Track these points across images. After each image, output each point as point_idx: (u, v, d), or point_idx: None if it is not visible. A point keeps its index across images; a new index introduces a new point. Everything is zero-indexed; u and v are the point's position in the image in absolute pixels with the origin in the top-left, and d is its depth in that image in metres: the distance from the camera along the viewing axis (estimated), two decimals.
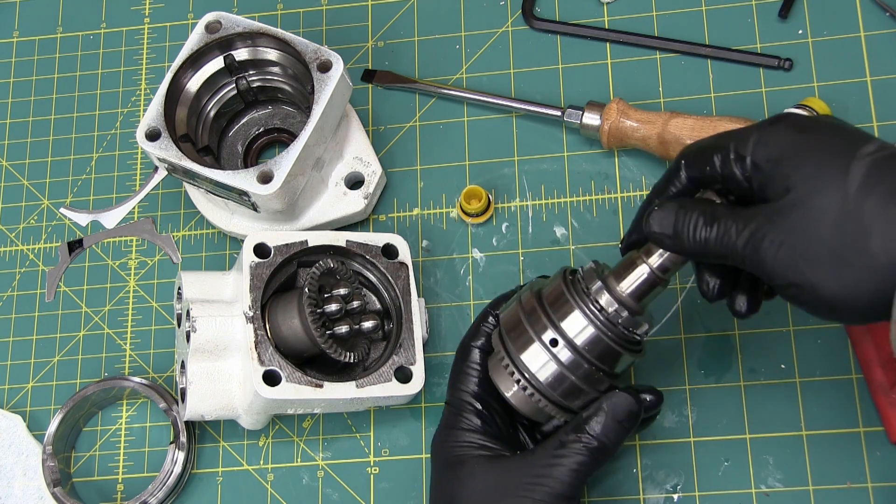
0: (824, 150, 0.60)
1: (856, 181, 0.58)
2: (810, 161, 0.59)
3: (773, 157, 0.61)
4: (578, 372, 0.69)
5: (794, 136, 0.61)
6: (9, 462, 0.88)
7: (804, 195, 0.59)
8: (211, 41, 0.87)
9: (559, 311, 0.69)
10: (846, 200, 0.57)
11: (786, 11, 0.92)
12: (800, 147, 0.60)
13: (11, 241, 0.97)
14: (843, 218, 0.57)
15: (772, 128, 0.62)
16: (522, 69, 0.95)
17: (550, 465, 0.67)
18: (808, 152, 0.60)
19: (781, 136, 0.62)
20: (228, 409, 0.81)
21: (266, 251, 0.82)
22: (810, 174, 0.59)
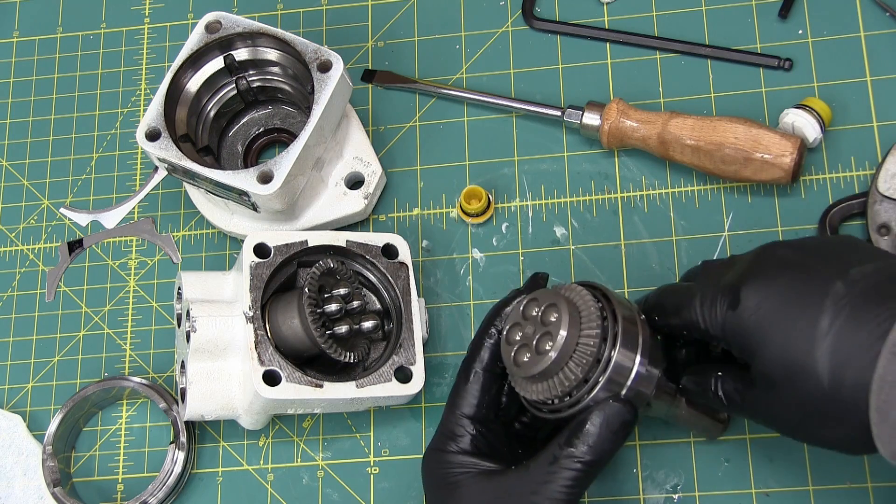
0: (786, 337, 0.61)
1: (825, 373, 0.60)
2: (775, 351, 0.62)
3: (740, 337, 0.64)
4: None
5: (757, 318, 0.63)
6: (9, 462, 0.88)
7: (778, 382, 0.62)
8: (211, 41, 0.87)
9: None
10: (820, 389, 0.60)
11: (786, 11, 0.92)
12: (763, 334, 0.63)
13: (11, 241, 0.97)
14: (821, 401, 0.61)
15: (735, 314, 0.64)
16: (522, 69, 0.95)
17: (546, 481, 0.66)
18: (770, 343, 0.62)
19: (746, 319, 0.64)
20: (228, 409, 0.81)
21: (266, 251, 0.82)
22: (778, 362, 0.62)
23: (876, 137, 0.87)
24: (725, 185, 0.88)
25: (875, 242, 0.82)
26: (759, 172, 0.83)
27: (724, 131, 0.83)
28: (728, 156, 0.83)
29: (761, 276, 0.64)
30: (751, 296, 0.63)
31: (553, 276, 0.88)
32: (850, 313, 0.59)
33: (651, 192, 0.89)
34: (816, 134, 0.85)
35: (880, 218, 0.82)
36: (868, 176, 0.86)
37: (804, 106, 0.86)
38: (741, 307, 0.63)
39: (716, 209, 0.88)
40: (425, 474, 0.73)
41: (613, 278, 0.87)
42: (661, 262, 0.87)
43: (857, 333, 0.59)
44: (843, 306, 0.60)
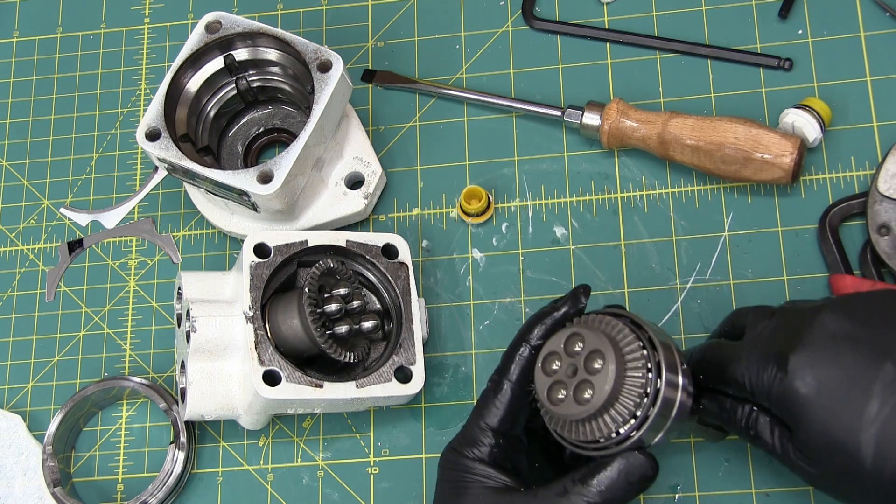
0: (833, 416, 0.63)
1: (868, 457, 0.61)
2: (819, 427, 0.63)
3: (786, 404, 0.65)
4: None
5: (806, 391, 0.63)
6: (9, 462, 0.88)
7: (820, 454, 0.64)
8: (211, 41, 0.87)
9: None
10: (862, 470, 0.62)
11: (786, 11, 0.92)
12: (810, 407, 0.63)
13: (11, 241, 0.97)
14: (861, 479, 0.62)
15: (783, 382, 0.64)
16: (522, 69, 0.95)
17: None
18: (816, 418, 0.63)
19: (793, 390, 0.64)
20: (228, 409, 0.81)
21: (266, 251, 0.82)
22: (822, 438, 0.63)
23: (876, 137, 0.87)
24: (725, 185, 0.88)
25: (875, 242, 0.82)
26: (759, 172, 0.83)
27: (724, 131, 0.83)
28: (728, 156, 0.83)
29: (811, 348, 0.64)
30: (800, 368, 0.64)
31: (553, 276, 0.88)
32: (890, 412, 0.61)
33: (651, 192, 0.89)
34: (816, 134, 0.85)
35: (880, 218, 0.82)
36: (868, 176, 0.86)
37: (804, 106, 0.86)
38: (789, 377, 0.64)
39: (716, 209, 0.88)
40: (440, 470, 0.73)
41: (613, 278, 0.87)
42: (661, 262, 0.87)
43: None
44: (891, 393, 0.61)
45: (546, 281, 0.88)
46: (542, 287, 0.88)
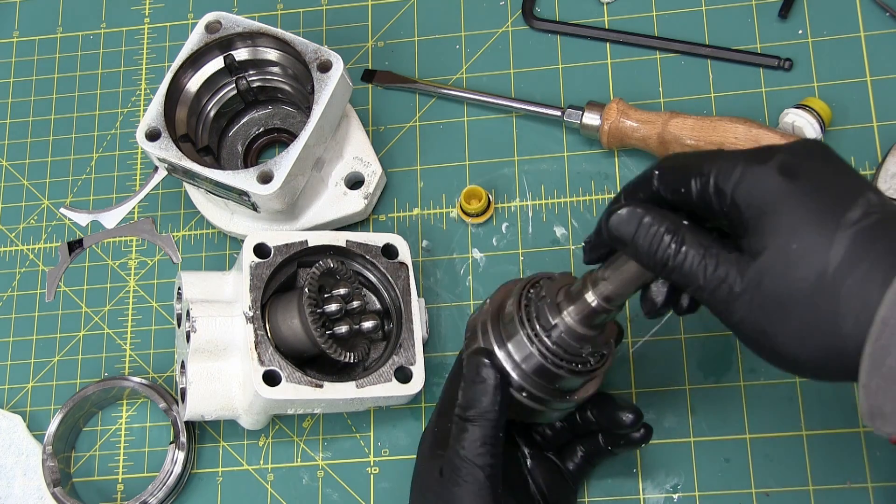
0: (809, 212, 0.56)
1: (837, 257, 0.54)
2: (792, 226, 0.56)
3: (755, 204, 0.57)
4: (524, 392, 0.69)
5: (779, 186, 0.57)
6: (9, 462, 0.88)
7: (782, 263, 0.56)
8: (211, 41, 0.87)
9: (508, 330, 0.69)
10: (824, 277, 0.55)
11: (786, 11, 0.92)
12: (783, 202, 0.57)
13: (11, 241, 0.97)
14: (819, 294, 0.55)
15: (759, 168, 0.58)
16: (522, 69, 0.95)
17: (451, 444, 0.68)
18: (791, 213, 0.56)
19: (767, 182, 0.57)
20: (228, 409, 0.81)
21: (266, 251, 0.82)
22: (790, 241, 0.56)
23: (876, 137, 0.87)
24: None
25: None
26: None
27: (724, 131, 0.83)
28: None
29: (793, 150, 0.59)
30: (781, 160, 0.58)
31: None
32: (882, 217, 0.55)
33: None
34: (816, 134, 0.85)
35: None
36: (868, 176, 0.86)
37: (804, 106, 0.86)
38: (768, 166, 0.57)
39: None
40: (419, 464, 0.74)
41: None
42: None
43: (879, 242, 0.54)
44: (875, 210, 0.55)
45: None
46: None
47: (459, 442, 0.68)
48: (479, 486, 0.67)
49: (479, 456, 0.67)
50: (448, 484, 0.68)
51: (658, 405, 0.83)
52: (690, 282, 0.60)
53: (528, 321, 0.68)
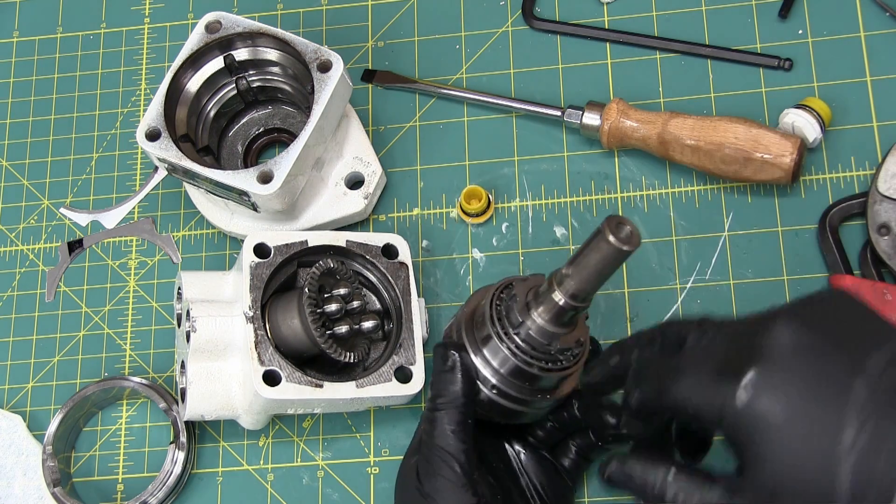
0: (799, 437, 0.54)
1: (845, 493, 0.52)
2: (787, 460, 0.54)
3: (740, 439, 0.56)
4: (506, 394, 0.70)
5: (760, 415, 0.54)
6: (9, 462, 0.88)
7: (785, 493, 0.54)
8: (211, 41, 0.87)
9: (482, 333, 0.69)
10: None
11: (786, 11, 0.92)
12: (768, 432, 0.54)
13: (11, 241, 0.97)
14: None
15: (732, 395, 0.55)
16: (522, 69, 0.95)
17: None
18: (782, 450, 0.54)
19: (748, 414, 0.55)
20: (228, 409, 0.81)
21: (266, 251, 0.82)
22: (790, 473, 0.54)
23: (876, 137, 0.87)
24: (725, 185, 0.88)
25: (875, 242, 0.82)
26: (759, 172, 0.83)
27: (724, 131, 0.83)
28: (728, 156, 0.83)
29: (771, 364, 0.55)
30: (761, 387, 0.55)
31: None
32: (875, 427, 0.53)
33: (651, 192, 0.89)
34: (816, 134, 0.85)
35: (880, 218, 0.82)
36: (868, 176, 0.86)
37: (804, 106, 0.86)
38: (749, 399, 0.55)
39: (716, 209, 0.88)
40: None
41: (613, 278, 0.86)
42: (661, 262, 0.87)
43: (882, 450, 0.52)
44: (867, 417, 0.53)
45: None
46: None
47: (430, 433, 0.68)
48: (453, 474, 0.67)
49: (450, 444, 0.67)
50: (424, 477, 0.68)
51: None
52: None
53: (499, 321, 0.69)
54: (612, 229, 0.61)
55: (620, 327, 0.86)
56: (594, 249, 0.63)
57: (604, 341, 0.85)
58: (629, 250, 0.61)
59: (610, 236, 0.61)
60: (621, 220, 0.62)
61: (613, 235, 0.61)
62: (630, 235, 0.61)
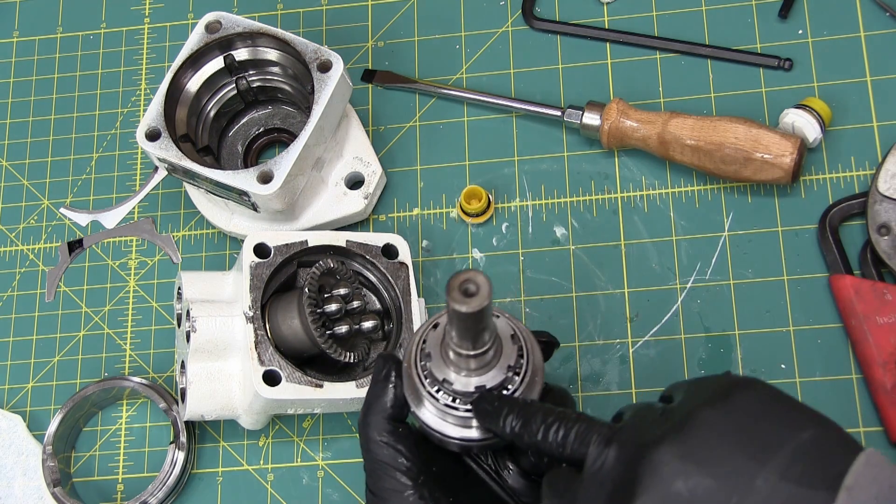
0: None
1: None
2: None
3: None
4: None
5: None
6: (9, 462, 0.88)
7: None
8: (211, 41, 0.87)
9: (418, 393, 0.66)
10: None
11: (786, 11, 0.92)
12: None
13: (11, 241, 0.97)
14: None
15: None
16: (522, 69, 0.95)
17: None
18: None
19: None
20: (228, 409, 0.81)
21: (266, 251, 0.82)
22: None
23: (876, 137, 0.87)
24: (725, 185, 0.88)
25: (875, 242, 0.82)
26: (759, 172, 0.83)
27: (724, 131, 0.83)
28: (728, 156, 0.83)
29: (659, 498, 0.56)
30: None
31: (553, 276, 0.88)
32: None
33: (651, 192, 0.89)
34: (816, 134, 0.85)
35: (880, 218, 0.82)
36: (868, 176, 0.86)
37: (804, 106, 0.86)
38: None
39: (716, 209, 0.88)
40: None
41: (613, 278, 0.87)
42: (661, 262, 0.87)
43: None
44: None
45: (546, 281, 0.88)
46: (542, 287, 0.88)
47: (364, 445, 0.67)
48: (395, 483, 0.66)
49: (384, 454, 0.66)
50: (371, 481, 0.68)
51: None
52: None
53: (425, 377, 0.66)
54: (452, 295, 0.57)
55: (620, 327, 0.86)
56: (450, 315, 0.60)
57: (603, 341, 0.85)
58: (476, 311, 0.57)
59: (452, 303, 0.57)
60: (465, 277, 0.58)
61: (454, 301, 0.57)
62: (476, 292, 0.57)
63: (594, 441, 0.59)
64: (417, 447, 0.67)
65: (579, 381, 0.85)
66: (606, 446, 0.59)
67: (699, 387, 0.60)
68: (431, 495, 0.66)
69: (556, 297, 0.87)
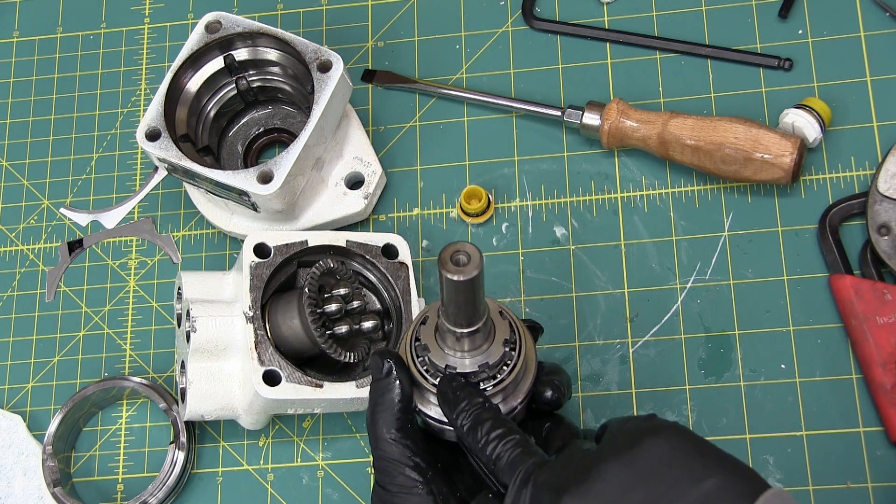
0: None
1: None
2: None
3: None
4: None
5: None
6: (9, 462, 0.88)
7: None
8: (211, 41, 0.87)
9: (418, 386, 0.67)
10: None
11: (786, 11, 0.92)
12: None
13: (11, 241, 0.97)
14: None
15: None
16: (522, 69, 0.95)
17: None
18: None
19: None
20: (228, 409, 0.81)
21: (266, 251, 0.82)
22: None
23: (876, 137, 0.87)
24: (725, 185, 0.88)
25: (875, 242, 0.82)
26: (759, 172, 0.83)
27: (724, 131, 0.83)
28: (728, 156, 0.83)
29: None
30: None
31: (553, 276, 0.88)
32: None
33: (651, 192, 0.89)
34: (816, 134, 0.85)
35: (880, 218, 0.82)
36: (868, 176, 0.86)
37: (804, 106, 0.86)
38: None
39: (716, 209, 0.88)
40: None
41: (613, 278, 0.87)
42: (661, 262, 0.87)
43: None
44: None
45: (546, 281, 0.88)
46: (542, 287, 0.88)
47: (374, 444, 0.67)
48: (406, 480, 0.66)
49: (394, 452, 0.66)
50: (382, 482, 0.67)
51: (658, 405, 0.83)
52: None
53: (427, 378, 0.66)
54: (443, 263, 0.59)
55: (620, 327, 0.86)
56: (442, 284, 0.60)
57: (603, 341, 0.85)
58: (466, 279, 0.59)
59: (443, 271, 0.58)
60: (456, 247, 0.59)
61: (446, 269, 0.59)
62: (467, 262, 0.59)
63: (517, 475, 0.61)
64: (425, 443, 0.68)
65: (579, 381, 0.85)
66: (524, 485, 0.60)
67: (620, 430, 0.62)
68: (440, 490, 0.67)
69: (556, 297, 0.87)
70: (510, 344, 0.66)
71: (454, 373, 0.65)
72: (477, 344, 0.65)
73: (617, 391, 0.84)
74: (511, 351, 0.66)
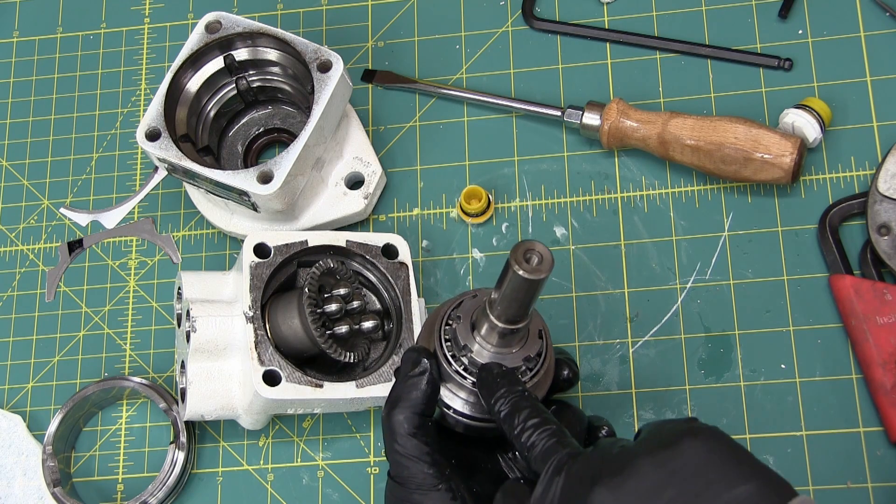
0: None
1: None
2: None
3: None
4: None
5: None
6: (9, 462, 0.88)
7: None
8: (211, 41, 0.87)
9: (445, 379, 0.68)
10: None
11: (786, 11, 0.92)
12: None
13: (11, 241, 0.97)
14: None
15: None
16: (522, 69, 0.95)
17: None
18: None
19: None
20: (228, 409, 0.81)
21: (266, 251, 0.82)
22: None
23: (876, 137, 0.87)
24: (725, 185, 0.88)
25: (875, 242, 0.82)
26: (759, 172, 0.83)
27: (724, 131, 0.84)
28: (728, 156, 0.84)
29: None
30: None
31: (553, 276, 0.88)
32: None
33: (651, 192, 0.89)
34: (816, 134, 0.85)
35: (880, 218, 0.82)
36: (868, 176, 0.86)
37: (804, 106, 0.86)
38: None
39: (716, 209, 0.88)
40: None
41: (613, 278, 0.87)
42: (661, 262, 0.87)
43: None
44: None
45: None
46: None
47: (392, 439, 0.67)
48: (424, 476, 0.66)
49: (415, 447, 0.66)
50: (399, 479, 0.67)
51: (658, 405, 0.83)
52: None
53: (447, 342, 0.67)
54: (517, 259, 0.59)
55: (620, 327, 0.86)
56: (508, 279, 0.61)
57: (603, 341, 0.85)
58: (537, 279, 0.59)
59: (517, 268, 0.59)
60: (529, 245, 0.60)
61: (520, 266, 0.59)
62: (539, 263, 0.59)
63: (550, 464, 0.61)
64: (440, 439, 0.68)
65: (579, 381, 0.85)
66: (557, 474, 0.60)
67: (658, 430, 0.62)
68: (458, 486, 0.67)
69: (556, 297, 0.87)
70: (529, 364, 0.67)
71: (494, 362, 0.66)
72: (503, 344, 0.66)
73: (617, 391, 0.84)
74: (527, 370, 0.67)
